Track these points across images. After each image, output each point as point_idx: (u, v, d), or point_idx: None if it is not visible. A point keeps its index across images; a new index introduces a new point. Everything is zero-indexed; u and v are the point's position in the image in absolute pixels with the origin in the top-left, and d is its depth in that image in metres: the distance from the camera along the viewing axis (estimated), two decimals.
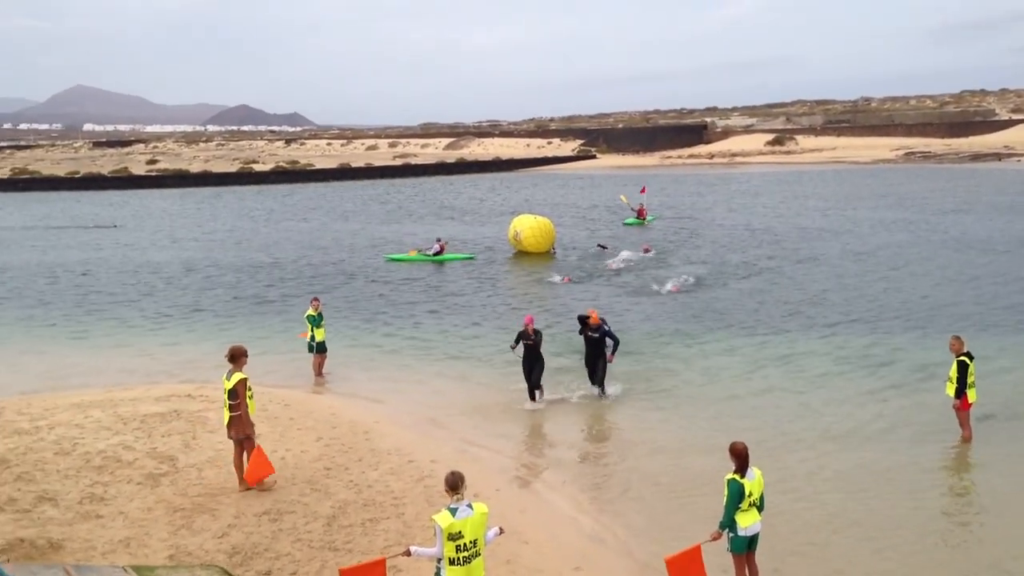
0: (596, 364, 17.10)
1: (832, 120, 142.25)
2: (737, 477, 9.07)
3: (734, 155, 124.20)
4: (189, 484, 12.50)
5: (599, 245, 37.90)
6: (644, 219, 48.51)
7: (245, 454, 12.52)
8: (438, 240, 37.97)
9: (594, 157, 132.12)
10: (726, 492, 9.10)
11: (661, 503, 12.26)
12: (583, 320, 17.31)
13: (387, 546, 10.61)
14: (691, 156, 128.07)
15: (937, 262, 32.64)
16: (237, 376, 12.45)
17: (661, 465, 13.66)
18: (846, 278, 29.95)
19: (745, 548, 9.20)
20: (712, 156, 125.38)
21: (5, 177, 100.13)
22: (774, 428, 15.17)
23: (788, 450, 14.08)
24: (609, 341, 17.05)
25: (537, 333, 16.78)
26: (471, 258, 36.69)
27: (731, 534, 9.13)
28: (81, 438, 14.43)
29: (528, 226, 37.59)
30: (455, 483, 7.98)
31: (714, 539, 9.21)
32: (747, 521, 9.09)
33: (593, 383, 17.24)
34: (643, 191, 53.51)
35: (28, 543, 10.43)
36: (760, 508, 9.23)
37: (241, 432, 12.44)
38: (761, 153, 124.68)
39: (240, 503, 11.95)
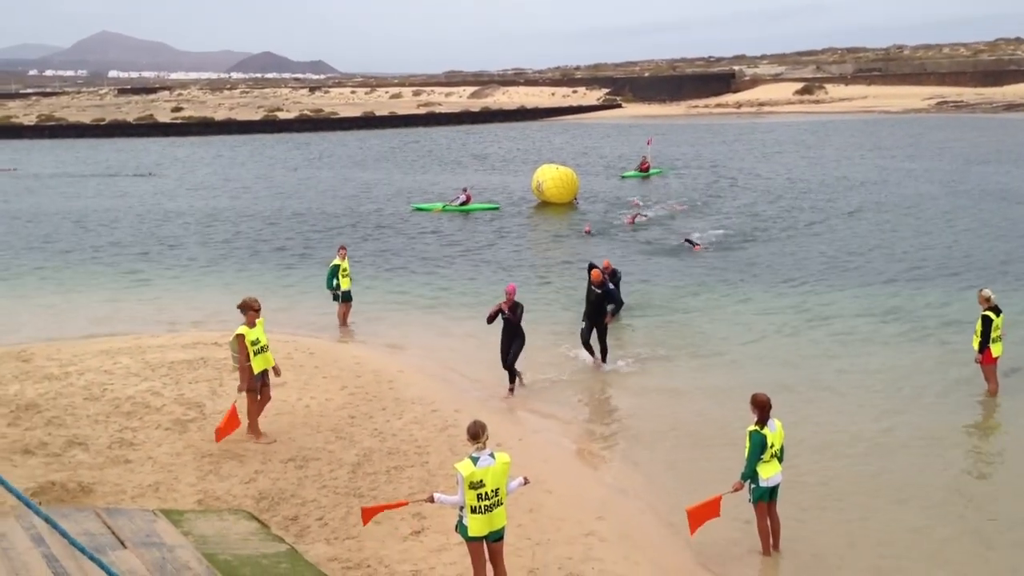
0: (594, 322, 15.89)
1: (863, 68, 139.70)
2: (759, 428, 9.09)
3: (762, 104, 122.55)
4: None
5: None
6: (647, 172, 47.03)
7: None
8: (464, 190, 37.80)
9: (620, 106, 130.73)
10: (748, 443, 9.12)
11: (682, 454, 12.31)
12: (589, 270, 16.47)
13: (411, 493, 10.73)
14: (718, 106, 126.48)
15: (973, 214, 32.23)
16: (239, 329, 12.43)
17: (683, 417, 13.69)
18: (875, 231, 29.67)
19: (767, 498, 9.26)
20: (740, 105, 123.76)
21: (32, 124, 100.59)
22: (798, 380, 15.13)
23: (810, 402, 14.07)
24: (610, 306, 16.10)
25: (517, 307, 14.68)
26: (496, 208, 36.58)
27: (752, 485, 9.18)
28: (110, 384, 14.64)
29: (550, 176, 37.34)
30: (476, 432, 8.04)
31: (736, 490, 9.27)
32: (768, 472, 9.13)
33: (587, 345, 15.96)
34: (649, 143, 52.05)
35: (59, 486, 10.65)
36: (781, 459, 9.26)
37: (243, 385, 12.41)
38: (789, 102, 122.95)
39: (266, 450, 12.12)
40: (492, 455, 8.07)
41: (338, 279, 19.20)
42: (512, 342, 14.81)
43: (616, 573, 8.95)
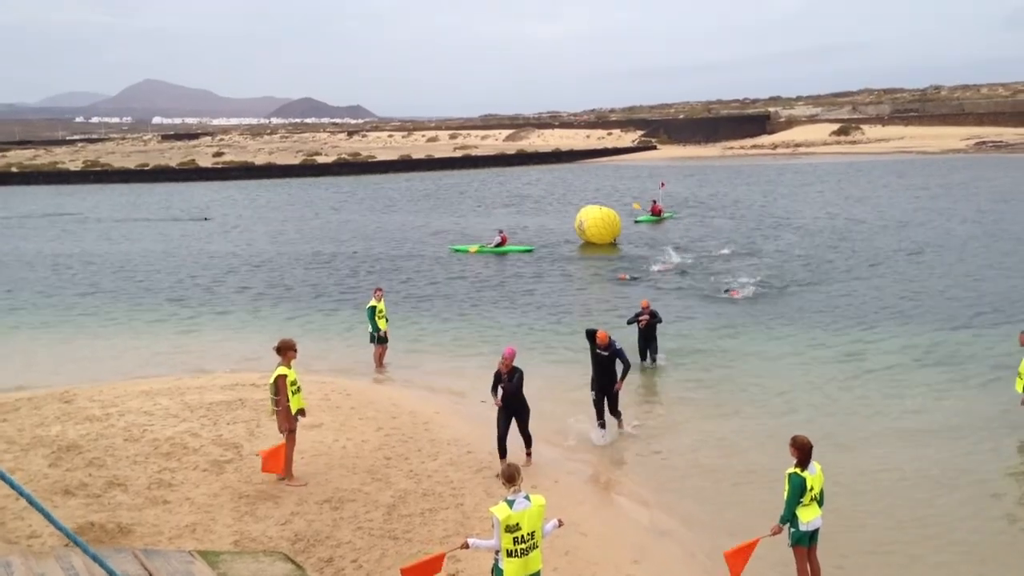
0: (606, 389, 14.67)
1: (900, 109, 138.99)
2: (799, 471, 8.97)
3: (798, 145, 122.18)
4: (253, 471, 12.72)
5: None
6: (659, 215, 46.37)
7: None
8: (499, 231, 38.02)
9: (655, 148, 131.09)
10: (787, 486, 9.00)
11: (719, 496, 12.16)
12: (591, 337, 14.93)
13: (446, 536, 10.71)
14: (754, 147, 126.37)
15: (1013, 255, 31.77)
16: (279, 370, 12.55)
17: (719, 459, 13.55)
18: (918, 273, 29.34)
19: (807, 542, 9.11)
20: (775, 147, 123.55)
21: (78, 169, 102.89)
22: (839, 424, 14.93)
23: (851, 446, 13.86)
24: (619, 364, 14.58)
25: (515, 372, 12.94)
26: (530, 250, 36.72)
27: (792, 528, 9.04)
28: (150, 425, 14.80)
29: (591, 217, 37.51)
30: (512, 475, 8.02)
31: (774, 533, 9.13)
32: (808, 516, 8.99)
33: (600, 413, 14.73)
34: (662, 186, 51.47)
35: (99, 527, 10.75)
36: (821, 503, 9.12)
37: (283, 426, 12.53)
38: (826, 143, 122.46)
39: (302, 491, 12.15)
40: (527, 498, 8.04)
41: (374, 321, 19.35)
42: (511, 416, 13.11)
43: None
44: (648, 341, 18.90)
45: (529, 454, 13.46)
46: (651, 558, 10.30)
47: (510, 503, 7.93)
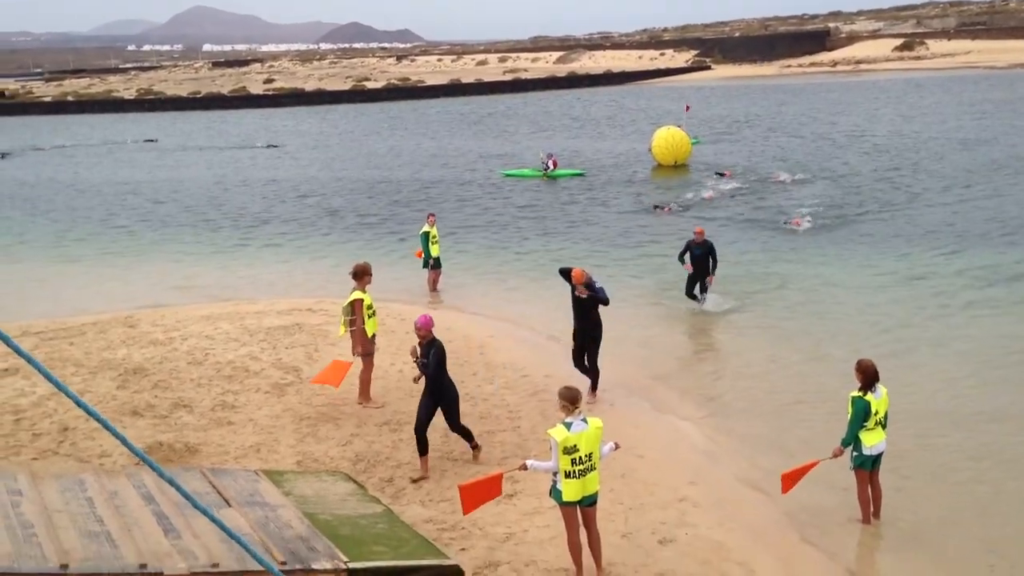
0: (585, 338, 12.88)
1: (967, 22, 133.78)
2: (862, 394, 8.86)
3: (859, 62, 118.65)
4: (313, 394, 12.96)
5: (717, 173, 34.00)
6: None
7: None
8: (550, 155, 37.65)
9: (709, 68, 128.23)
10: (850, 409, 8.91)
11: (777, 420, 12.08)
12: (566, 275, 13.01)
13: (504, 458, 10.83)
14: (812, 64, 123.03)
15: None
16: (355, 294, 12.73)
17: (777, 383, 13.44)
18: (989, 194, 28.49)
19: (869, 466, 9.05)
20: (835, 64, 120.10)
21: (132, 97, 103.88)
22: (905, 346, 14.67)
23: (917, 368, 13.62)
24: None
25: (432, 347, 10.41)
26: (581, 174, 36.38)
27: (854, 452, 8.97)
28: (211, 349, 15.11)
29: (657, 137, 37.05)
30: (575, 397, 8.03)
31: (835, 456, 9.08)
32: (872, 440, 8.90)
33: (581, 366, 12.99)
34: (687, 109, 48.89)
35: (167, 446, 11.07)
36: (885, 427, 9.02)
37: (356, 348, 12.73)
38: (888, 60, 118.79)
39: (361, 414, 12.36)
40: (585, 420, 8.06)
41: (427, 246, 19.41)
42: (435, 402, 10.54)
43: (711, 539, 8.88)
44: (700, 275, 17.17)
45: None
46: (707, 479, 10.33)
47: (568, 425, 7.96)
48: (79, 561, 6.89)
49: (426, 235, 19.37)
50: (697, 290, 17.29)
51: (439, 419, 10.75)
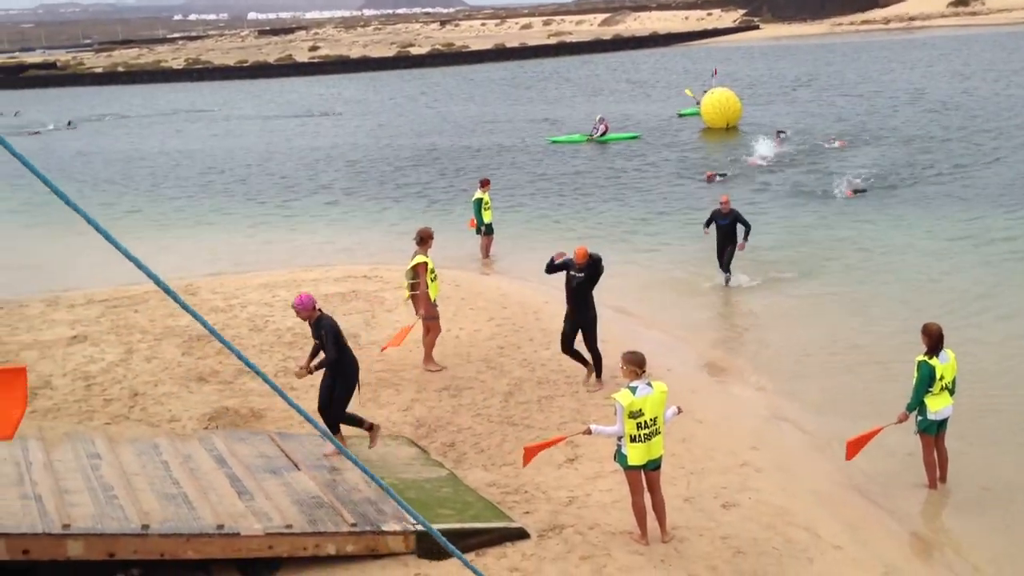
0: (579, 324, 12.12)
1: None
2: (928, 359, 8.77)
3: (911, 19, 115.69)
4: (372, 360, 13.09)
5: (779, 132, 32.71)
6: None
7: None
8: (601, 119, 37.33)
9: (757, 28, 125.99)
10: (916, 374, 8.83)
11: (839, 384, 12.01)
12: (556, 268, 12.25)
13: (563, 422, 10.90)
14: (864, 22, 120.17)
15: None
16: (419, 258, 12.83)
17: (838, 348, 13.33)
18: None
19: (934, 430, 8.98)
20: (888, 21, 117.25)
21: (181, 67, 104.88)
22: (970, 309, 14.45)
23: (981, 328, 13.42)
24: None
25: (320, 324, 9.33)
26: (636, 137, 36.11)
27: (919, 416, 8.91)
28: (271, 316, 15.34)
29: (708, 100, 36.57)
30: (640, 361, 8.07)
31: (900, 421, 9.02)
32: (938, 405, 8.82)
33: (571, 351, 12.15)
34: (715, 74, 46.44)
35: (233, 411, 11.30)
36: (952, 392, 8.93)
37: (419, 311, 12.86)
38: (943, 16, 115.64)
39: (420, 379, 12.49)
40: (649, 384, 8.09)
41: (480, 212, 19.45)
42: (332, 378, 9.51)
43: (774, 504, 8.89)
44: (726, 245, 16.38)
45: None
46: (769, 444, 10.32)
47: (633, 389, 8.00)
48: (159, 522, 7.12)
49: (479, 201, 19.40)
50: (726, 268, 16.51)
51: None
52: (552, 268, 12.33)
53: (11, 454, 7.85)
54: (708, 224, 16.82)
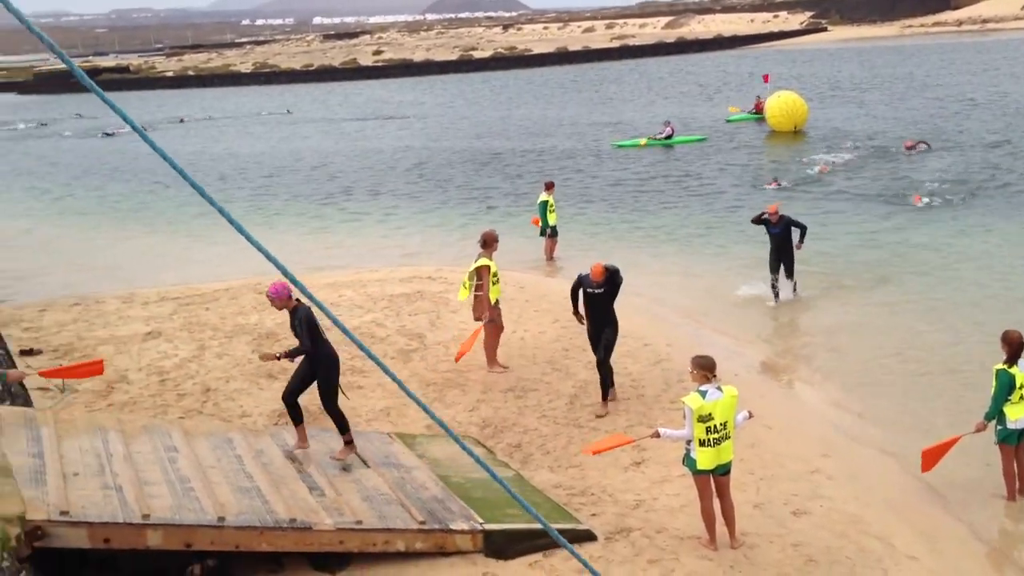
0: (601, 335, 11.57)
1: None
2: (1007, 367, 8.55)
3: (985, 21, 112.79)
4: (438, 360, 13.21)
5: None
6: (761, 113, 39.25)
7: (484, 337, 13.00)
8: (667, 123, 37.11)
9: (825, 30, 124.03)
10: (995, 382, 8.61)
11: (913, 392, 11.76)
12: (575, 290, 11.84)
13: (629, 425, 10.85)
14: (936, 24, 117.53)
15: None
16: (482, 260, 12.89)
17: (911, 355, 13.05)
18: None
19: (1015, 440, 8.74)
20: (960, 23, 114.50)
21: (249, 71, 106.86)
22: None
23: None
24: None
25: (297, 313, 8.96)
26: (703, 140, 35.85)
27: (999, 426, 8.68)
28: (337, 315, 15.50)
29: (772, 104, 36.13)
30: (710, 365, 8.00)
31: (978, 431, 8.81)
32: (1017, 414, 8.60)
33: (604, 378, 11.46)
34: (766, 79, 45.05)
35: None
36: None
37: (480, 313, 12.92)
38: (1017, 18, 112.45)
39: (486, 380, 12.53)
40: (720, 388, 8.02)
41: (545, 214, 19.48)
42: (312, 368, 9.07)
43: (846, 512, 8.73)
44: (781, 254, 15.56)
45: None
46: (841, 452, 10.14)
47: (703, 393, 7.93)
48: (234, 514, 7.25)
49: (544, 203, 19.43)
50: (779, 278, 15.65)
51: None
52: (574, 293, 11.83)
53: (92, 445, 8.07)
54: (758, 223, 15.93)
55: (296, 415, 9.15)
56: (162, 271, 20.21)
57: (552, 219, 19.57)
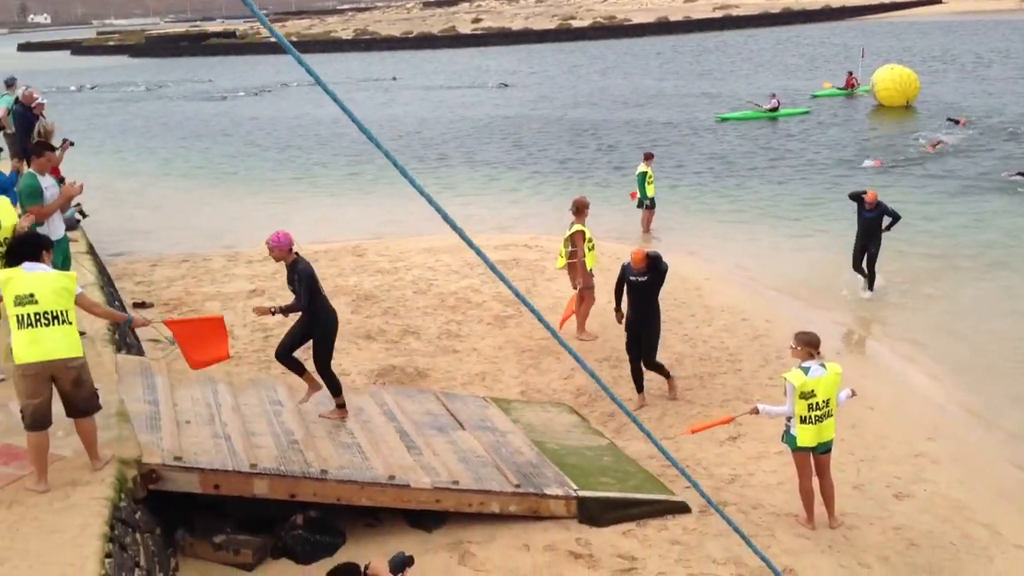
0: (643, 328, 10.79)
1: None
2: None
3: None
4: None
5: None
6: (852, 89, 38.95)
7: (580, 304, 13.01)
8: (772, 95, 36.26)
9: (940, 1, 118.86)
10: None
11: (1021, 378, 11.31)
12: (620, 285, 11.11)
13: (725, 400, 10.73)
14: None
15: None
16: (576, 227, 12.88)
17: (1022, 340, 12.54)
18: None
19: None
20: None
21: (350, 37, 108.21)
22: None
23: None
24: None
25: (297, 267, 8.29)
26: (807, 112, 34.94)
27: None
28: (435, 280, 15.71)
29: (883, 77, 34.90)
30: (814, 341, 7.84)
31: None
32: None
33: (636, 371, 10.88)
34: (863, 54, 43.33)
35: (399, 369, 11.67)
36: None
37: (576, 281, 12.92)
38: None
39: (580, 349, 12.52)
40: (823, 365, 7.85)
41: (643, 185, 19.28)
42: (308, 327, 8.51)
43: (951, 497, 8.48)
44: (867, 241, 14.47)
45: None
46: (947, 436, 9.84)
47: (805, 370, 7.78)
48: (336, 468, 7.44)
49: (643, 175, 19.23)
50: (863, 272, 14.69)
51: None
52: (619, 288, 11.04)
53: (203, 395, 8.37)
54: (854, 199, 14.79)
55: (295, 367, 8.58)
56: (261, 231, 20.69)
57: (650, 191, 19.35)
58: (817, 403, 7.74)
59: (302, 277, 8.19)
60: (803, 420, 7.77)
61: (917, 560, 7.56)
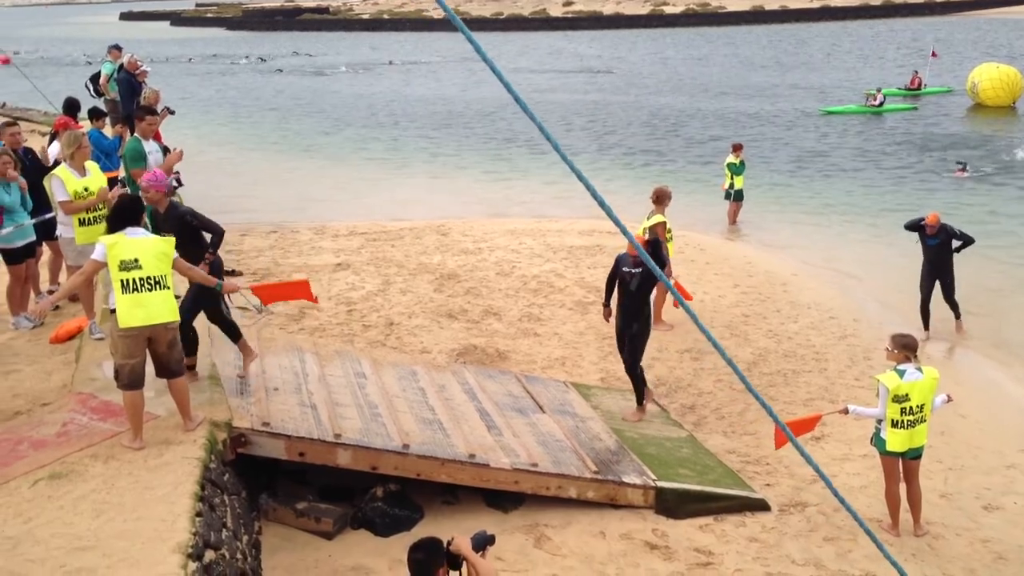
0: (628, 327, 9.76)
1: None
2: None
3: None
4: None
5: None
6: (916, 90, 37.61)
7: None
8: (878, 90, 35.27)
9: None
10: None
11: None
12: (612, 278, 10.18)
13: (809, 399, 10.52)
14: None
15: None
16: (656, 217, 12.73)
17: None
18: None
19: None
20: None
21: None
22: None
23: None
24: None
25: (174, 219, 7.54)
26: (914, 108, 33.98)
27: None
28: (517, 262, 15.72)
29: (987, 77, 33.62)
30: (910, 344, 7.62)
31: None
32: None
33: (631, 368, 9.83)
34: (933, 55, 41.09)
35: (480, 350, 11.71)
36: None
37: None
38: None
39: (661, 339, 12.39)
40: (919, 369, 7.63)
41: (731, 176, 18.99)
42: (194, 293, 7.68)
43: None
44: (937, 270, 12.75)
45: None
46: None
47: (900, 373, 7.57)
48: (417, 443, 7.52)
49: (732, 167, 18.92)
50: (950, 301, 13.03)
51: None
52: (611, 281, 10.08)
53: (291, 364, 8.54)
54: (911, 229, 13.05)
55: (230, 332, 7.89)
56: (344, 206, 21.05)
57: (738, 183, 19.02)
58: (911, 407, 7.54)
59: (191, 216, 7.57)
60: (894, 424, 7.58)
61: (1005, 574, 7.32)
